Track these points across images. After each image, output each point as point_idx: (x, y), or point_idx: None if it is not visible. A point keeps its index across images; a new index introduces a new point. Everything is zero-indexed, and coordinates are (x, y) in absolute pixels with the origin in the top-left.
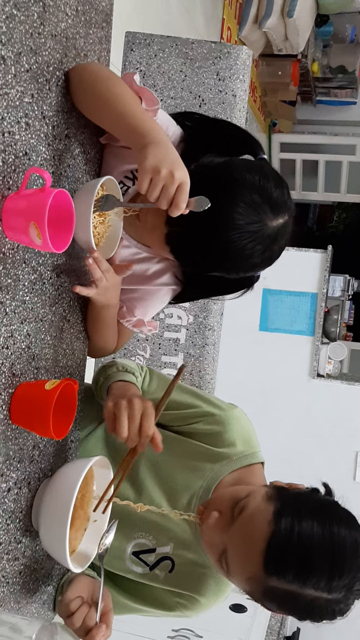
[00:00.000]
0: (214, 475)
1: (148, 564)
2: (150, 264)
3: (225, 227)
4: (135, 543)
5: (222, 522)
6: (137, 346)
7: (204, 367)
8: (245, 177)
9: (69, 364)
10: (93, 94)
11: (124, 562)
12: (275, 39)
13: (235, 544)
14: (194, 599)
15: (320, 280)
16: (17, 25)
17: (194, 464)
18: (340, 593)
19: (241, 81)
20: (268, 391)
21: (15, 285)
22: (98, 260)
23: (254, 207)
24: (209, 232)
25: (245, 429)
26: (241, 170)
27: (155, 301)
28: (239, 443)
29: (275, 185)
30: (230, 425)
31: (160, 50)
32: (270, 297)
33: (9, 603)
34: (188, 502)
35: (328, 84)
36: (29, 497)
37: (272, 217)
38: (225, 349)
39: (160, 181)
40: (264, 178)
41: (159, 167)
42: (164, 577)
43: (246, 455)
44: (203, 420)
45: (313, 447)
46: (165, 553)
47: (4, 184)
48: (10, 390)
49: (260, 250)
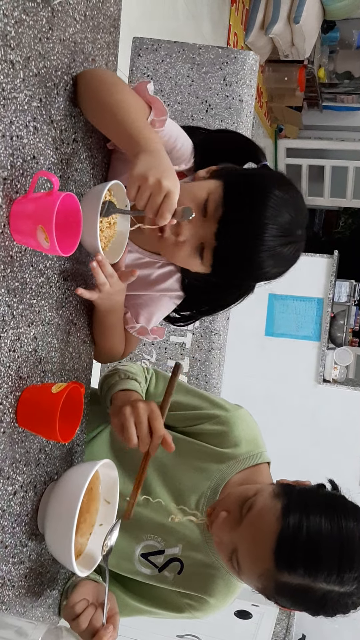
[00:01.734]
0: (221, 476)
1: (157, 565)
2: (152, 269)
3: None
4: (144, 545)
5: (231, 521)
6: (143, 350)
7: (210, 372)
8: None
9: (75, 368)
10: (96, 99)
11: (133, 564)
12: (281, 44)
13: (245, 542)
14: (204, 599)
15: (327, 285)
16: (26, 30)
17: (201, 465)
18: (353, 585)
19: (248, 86)
20: (274, 396)
21: (22, 289)
22: (102, 264)
23: (282, 229)
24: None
25: (250, 428)
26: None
27: (160, 308)
28: (244, 443)
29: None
30: (235, 425)
31: (168, 56)
32: (276, 302)
33: (14, 607)
34: (196, 503)
35: (334, 89)
36: (34, 501)
37: (291, 240)
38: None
39: (147, 189)
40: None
41: (147, 175)
42: (173, 578)
43: (253, 455)
44: (208, 421)
45: (319, 453)
46: (174, 554)
47: (12, 188)
48: (17, 394)
49: (277, 270)
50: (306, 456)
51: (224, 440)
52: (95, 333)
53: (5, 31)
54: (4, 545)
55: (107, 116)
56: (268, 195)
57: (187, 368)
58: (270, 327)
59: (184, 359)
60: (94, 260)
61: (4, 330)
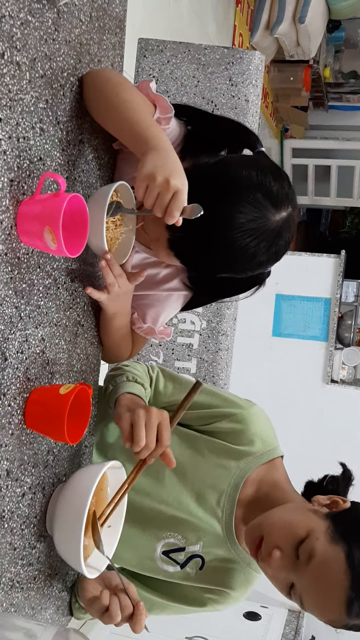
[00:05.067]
0: (240, 473)
1: (178, 562)
2: (158, 269)
3: (225, 227)
4: (165, 542)
5: (287, 562)
6: (150, 351)
7: (217, 373)
8: (242, 174)
9: (83, 369)
10: (102, 99)
11: (156, 563)
12: (286, 45)
13: (310, 592)
14: (225, 592)
15: (334, 285)
16: (31, 31)
17: (219, 462)
18: None
19: (254, 86)
20: (281, 397)
21: (30, 290)
22: (111, 263)
23: (253, 204)
24: (211, 234)
25: (265, 424)
26: (237, 167)
27: (167, 308)
28: (260, 440)
29: (274, 179)
30: (251, 423)
31: (173, 57)
32: (283, 302)
33: (23, 609)
34: (217, 501)
35: (340, 89)
36: (43, 503)
37: (274, 212)
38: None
39: (155, 189)
40: (261, 173)
41: (155, 174)
42: (195, 574)
43: (268, 450)
44: (224, 419)
45: (327, 453)
46: (194, 552)
47: (18, 189)
48: (25, 395)
49: (265, 247)
50: (314, 456)
51: (241, 437)
52: (102, 335)
53: (11, 33)
54: (12, 547)
55: (114, 115)
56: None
57: (195, 369)
58: (278, 328)
59: (191, 360)
60: (103, 260)
61: (12, 331)
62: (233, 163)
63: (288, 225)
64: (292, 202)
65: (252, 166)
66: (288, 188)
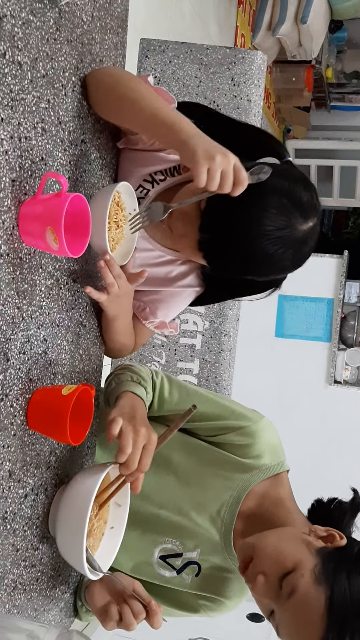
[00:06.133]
0: (243, 485)
1: (175, 567)
2: (173, 266)
3: (256, 234)
4: (162, 547)
5: (269, 589)
6: (152, 352)
7: (220, 373)
8: (275, 182)
9: (85, 370)
10: (118, 96)
11: (152, 567)
12: (289, 45)
13: (287, 626)
14: (220, 601)
15: (336, 286)
16: (33, 31)
17: (224, 474)
18: None
19: (256, 86)
20: (284, 398)
21: (32, 291)
22: (110, 264)
23: (284, 212)
24: (240, 239)
25: (273, 439)
26: (270, 175)
27: (178, 303)
28: (267, 454)
29: (304, 189)
30: (260, 437)
31: (175, 57)
32: (286, 303)
33: (26, 610)
34: (218, 511)
35: (342, 89)
36: (45, 504)
37: (302, 221)
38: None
39: (218, 167)
40: (293, 182)
41: (212, 153)
42: (191, 581)
43: (274, 465)
44: (233, 432)
45: (330, 454)
46: (191, 558)
47: (20, 189)
48: (27, 396)
49: (291, 254)
50: (317, 458)
51: (248, 451)
52: (104, 335)
53: (12, 32)
54: (15, 548)
55: (135, 111)
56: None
57: (197, 370)
58: (280, 328)
59: (193, 361)
60: (101, 260)
61: (14, 332)
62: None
63: (313, 234)
64: (318, 212)
65: (284, 175)
66: (316, 199)
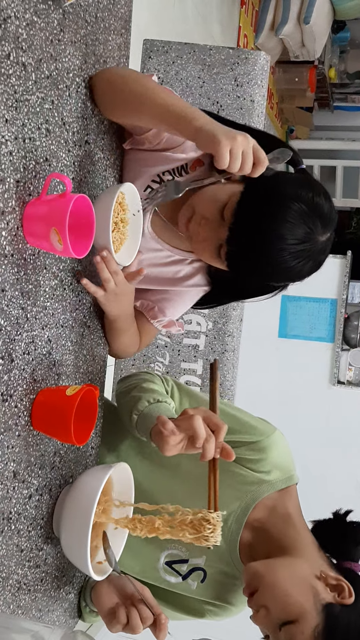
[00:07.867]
0: (252, 496)
1: (180, 573)
2: (181, 266)
3: (279, 245)
4: (168, 553)
5: (268, 624)
6: (156, 353)
7: (224, 374)
8: (299, 194)
9: (89, 370)
10: (130, 94)
11: (158, 572)
12: (291, 45)
13: None
14: (225, 606)
15: (340, 286)
16: (37, 32)
17: (233, 484)
18: None
19: (259, 86)
20: (288, 398)
21: (36, 291)
22: (107, 260)
23: (307, 224)
24: (265, 252)
25: (284, 453)
26: (294, 186)
27: (186, 301)
28: (278, 469)
29: (325, 200)
30: (270, 452)
31: (178, 57)
32: (289, 303)
33: (30, 611)
34: (225, 519)
35: (345, 89)
36: (50, 504)
37: (322, 232)
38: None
39: (239, 147)
40: (316, 195)
41: (234, 134)
42: (196, 587)
43: (285, 478)
44: (245, 446)
45: (333, 455)
46: (197, 564)
47: (24, 190)
48: (32, 396)
49: (310, 265)
50: (320, 459)
51: (259, 465)
52: (107, 336)
53: (17, 33)
54: (19, 549)
55: (148, 106)
56: (283, 208)
57: (201, 370)
58: (284, 329)
59: (197, 361)
60: (98, 255)
61: (19, 332)
62: (289, 180)
63: (330, 243)
64: (336, 222)
65: (307, 187)
66: (334, 209)
